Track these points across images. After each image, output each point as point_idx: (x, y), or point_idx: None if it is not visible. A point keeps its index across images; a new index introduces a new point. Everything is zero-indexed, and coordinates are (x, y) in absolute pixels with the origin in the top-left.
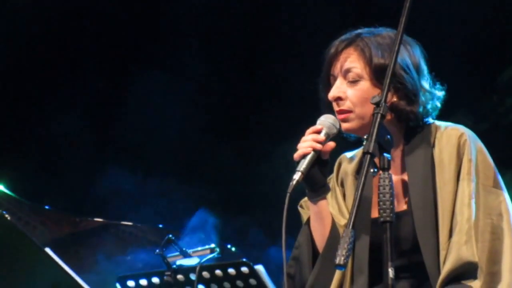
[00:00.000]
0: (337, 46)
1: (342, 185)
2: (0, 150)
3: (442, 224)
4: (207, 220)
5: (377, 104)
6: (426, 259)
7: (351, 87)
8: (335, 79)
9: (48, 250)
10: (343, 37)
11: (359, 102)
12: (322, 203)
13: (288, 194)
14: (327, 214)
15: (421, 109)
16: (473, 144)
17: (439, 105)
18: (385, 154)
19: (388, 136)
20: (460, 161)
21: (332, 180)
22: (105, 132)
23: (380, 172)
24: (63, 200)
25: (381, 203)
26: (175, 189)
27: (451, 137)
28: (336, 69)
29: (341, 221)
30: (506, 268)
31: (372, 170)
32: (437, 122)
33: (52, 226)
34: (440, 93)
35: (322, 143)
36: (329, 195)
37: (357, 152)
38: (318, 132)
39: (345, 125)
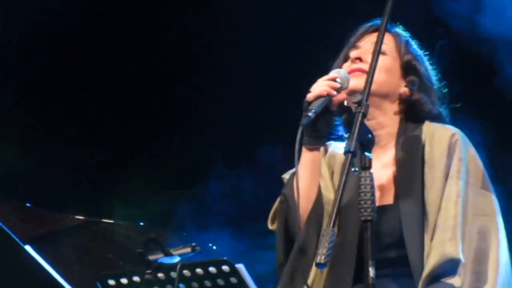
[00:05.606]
0: (371, 25)
1: (328, 166)
2: None
3: (428, 221)
4: None
5: (359, 103)
6: (411, 253)
7: None
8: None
9: (28, 247)
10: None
11: (378, 67)
12: (317, 153)
13: (300, 127)
14: (318, 166)
15: (436, 102)
16: (464, 144)
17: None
18: (366, 153)
19: (370, 135)
20: (450, 160)
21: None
22: None
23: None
24: None
25: (362, 202)
26: None
27: (443, 136)
28: (367, 40)
29: (329, 194)
30: (491, 268)
31: (353, 169)
32: (428, 122)
33: (33, 223)
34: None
35: (336, 90)
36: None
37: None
38: (333, 80)
39: (354, 82)
